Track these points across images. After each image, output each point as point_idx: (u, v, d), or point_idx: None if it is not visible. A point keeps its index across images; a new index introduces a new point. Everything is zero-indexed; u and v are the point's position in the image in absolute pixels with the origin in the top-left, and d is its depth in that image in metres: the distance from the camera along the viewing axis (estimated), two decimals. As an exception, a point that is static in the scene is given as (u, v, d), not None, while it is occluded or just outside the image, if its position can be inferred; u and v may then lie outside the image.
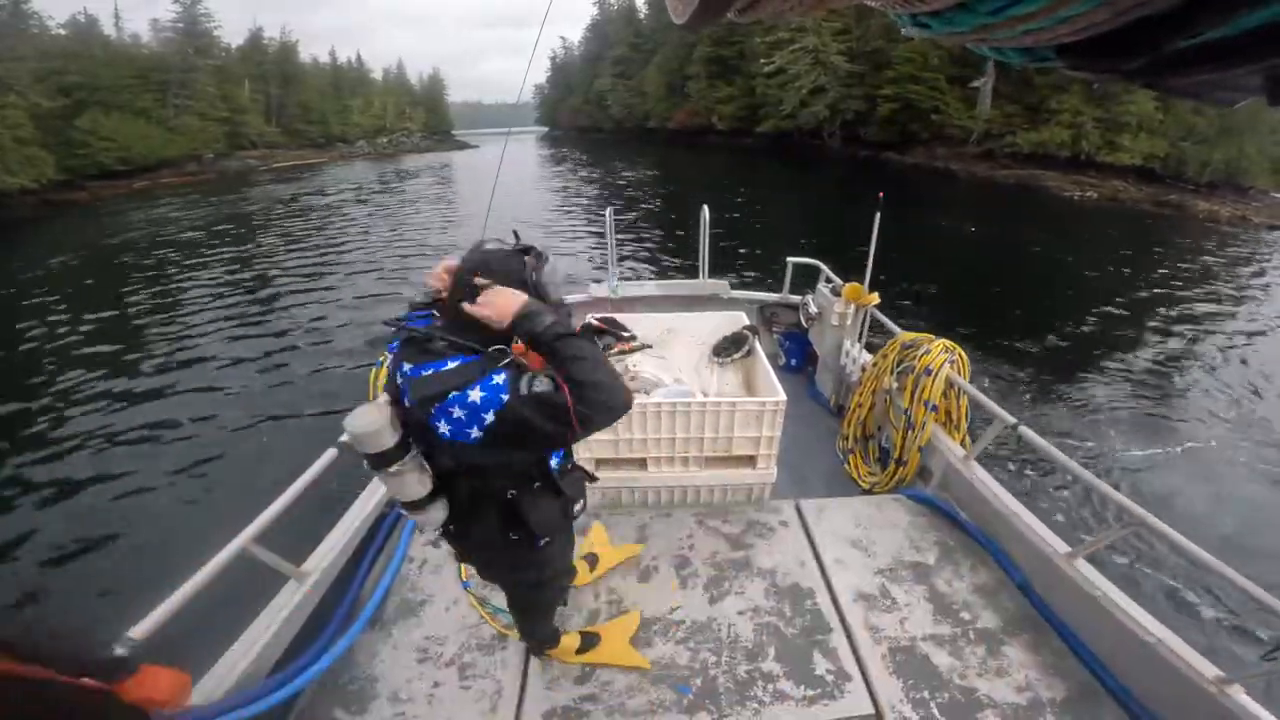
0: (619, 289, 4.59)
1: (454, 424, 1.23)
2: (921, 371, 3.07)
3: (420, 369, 1.28)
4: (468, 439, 1.24)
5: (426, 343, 1.32)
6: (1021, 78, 27.88)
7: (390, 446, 1.30)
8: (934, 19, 0.43)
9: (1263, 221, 21.79)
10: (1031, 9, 0.37)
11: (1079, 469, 2.28)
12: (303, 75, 52.07)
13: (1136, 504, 2.01)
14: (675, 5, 0.43)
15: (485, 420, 1.22)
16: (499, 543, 1.53)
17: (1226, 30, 0.33)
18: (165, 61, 37.98)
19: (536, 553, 1.58)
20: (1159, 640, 1.93)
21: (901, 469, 3.17)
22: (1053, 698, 2.02)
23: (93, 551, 4.36)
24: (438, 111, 76.19)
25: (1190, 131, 25.68)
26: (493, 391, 1.22)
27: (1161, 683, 1.89)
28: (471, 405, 1.22)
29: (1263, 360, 8.12)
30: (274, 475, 2.29)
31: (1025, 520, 2.52)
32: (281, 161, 41.42)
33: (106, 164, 30.31)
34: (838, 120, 35.65)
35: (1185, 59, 0.36)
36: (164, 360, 7.82)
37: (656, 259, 12.59)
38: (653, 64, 53.78)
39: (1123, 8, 0.35)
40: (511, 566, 1.68)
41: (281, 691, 1.85)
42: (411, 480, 1.37)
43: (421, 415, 1.27)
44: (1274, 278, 13.43)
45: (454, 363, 1.27)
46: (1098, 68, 0.42)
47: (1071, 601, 2.24)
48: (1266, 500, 4.92)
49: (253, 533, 1.97)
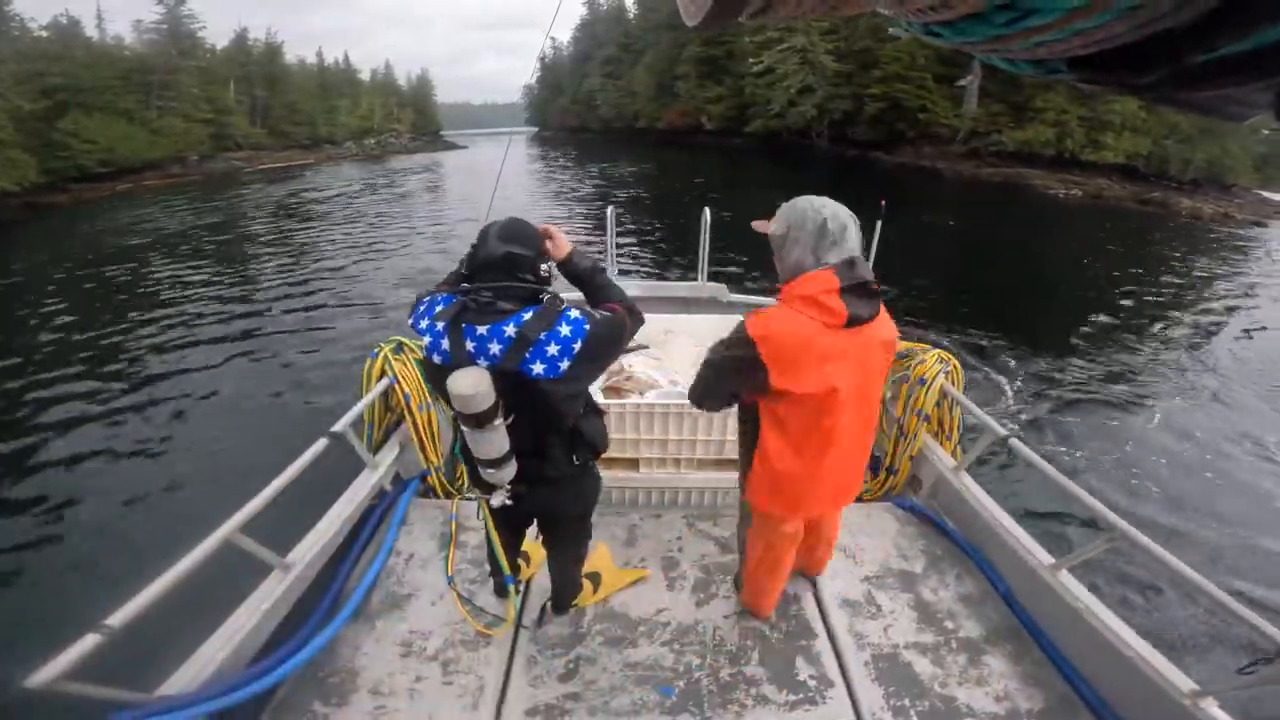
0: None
1: (548, 361, 1.48)
2: (915, 381, 3.07)
3: (500, 325, 1.49)
4: (557, 371, 1.49)
5: (487, 306, 1.52)
6: (1008, 77, 28.06)
7: (491, 405, 1.46)
8: (947, 29, 0.43)
9: (1246, 218, 22.13)
10: (1046, 21, 0.37)
11: (1067, 482, 2.28)
12: (289, 76, 51.59)
13: (1121, 518, 2.02)
14: (687, 6, 0.43)
15: (574, 349, 1.49)
16: (568, 471, 1.76)
17: (1244, 46, 0.32)
18: (148, 63, 37.50)
19: (590, 476, 1.89)
20: (1137, 653, 1.94)
21: (892, 478, 3.17)
22: (1030, 708, 2.02)
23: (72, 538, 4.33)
24: (426, 112, 75.72)
25: (1173, 130, 26.04)
26: (577, 325, 1.51)
27: (1138, 695, 1.90)
28: (564, 340, 1.49)
29: (1243, 358, 8.27)
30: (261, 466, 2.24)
31: (1012, 531, 2.52)
32: (268, 163, 40.92)
33: (89, 166, 29.83)
34: (825, 120, 35.82)
35: (1198, 74, 0.36)
36: (147, 361, 7.69)
37: (639, 256, 12.61)
38: (642, 64, 53.82)
39: (1140, 21, 0.34)
40: (576, 495, 1.89)
41: (260, 682, 1.82)
42: (501, 436, 1.55)
43: (513, 363, 1.47)
44: (1259, 274, 13.64)
45: (528, 313, 1.50)
46: (1110, 81, 0.41)
47: (1053, 612, 2.25)
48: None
49: (238, 522, 1.94)
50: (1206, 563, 3.91)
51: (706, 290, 4.72)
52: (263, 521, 2.01)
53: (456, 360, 1.50)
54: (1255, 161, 28.99)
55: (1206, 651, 3.24)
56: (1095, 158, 26.16)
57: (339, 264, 12.69)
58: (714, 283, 4.80)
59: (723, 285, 4.79)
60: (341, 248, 14.30)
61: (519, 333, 1.47)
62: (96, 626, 1.51)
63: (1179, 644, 3.26)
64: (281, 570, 2.22)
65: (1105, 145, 26.13)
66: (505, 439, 1.56)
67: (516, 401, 1.55)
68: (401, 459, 3.10)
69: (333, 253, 13.81)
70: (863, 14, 0.46)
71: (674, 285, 5.02)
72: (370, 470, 2.85)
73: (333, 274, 11.85)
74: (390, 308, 9.40)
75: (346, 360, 7.23)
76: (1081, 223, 19.20)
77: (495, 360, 1.48)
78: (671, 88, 48.84)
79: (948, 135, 30.60)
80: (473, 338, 1.49)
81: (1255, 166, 29.04)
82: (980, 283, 11.45)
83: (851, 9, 0.44)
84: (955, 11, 0.40)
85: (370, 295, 10.31)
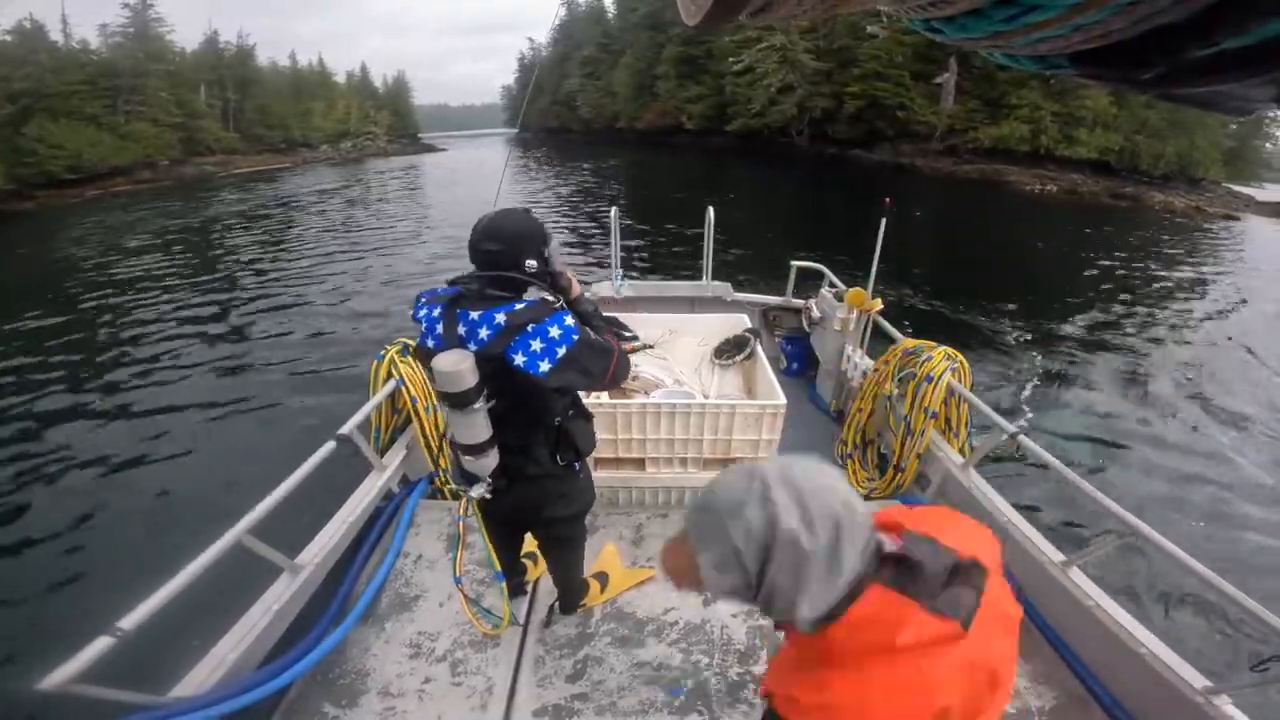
0: (623, 289, 4.59)
1: (529, 355, 1.46)
2: (923, 378, 3.06)
3: (492, 311, 1.49)
4: (537, 370, 1.46)
5: (479, 294, 1.55)
6: (983, 73, 28.58)
7: (471, 386, 1.48)
8: (947, 24, 0.43)
9: (1216, 211, 22.75)
10: (1047, 16, 0.37)
11: (1077, 478, 2.28)
12: (261, 79, 50.79)
13: (1132, 514, 2.01)
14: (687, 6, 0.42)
15: (558, 354, 1.47)
16: (551, 470, 1.74)
17: (1245, 40, 0.32)
18: (115, 66, 36.81)
19: (576, 478, 1.82)
20: (1149, 650, 1.93)
21: (900, 475, 3.14)
22: (1042, 706, 2.01)
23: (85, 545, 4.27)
24: (403, 114, 74.97)
25: (1143, 125, 26.65)
26: (567, 331, 1.49)
27: (1150, 692, 1.90)
28: (550, 340, 1.47)
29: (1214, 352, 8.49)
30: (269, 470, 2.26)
31: (1021, 529, 2.52)
32: (242, 167, 40.32)
33: (56, 172, 29.25)
34: (805, 118, 36.11)
35: (1200, 69, 0.36)
36: (125, 369, 7.44)
37: (631, 259, 12.54)
38: (621, 64, 53.79)
39: (1140, 16, 0.34)
40: (561, 496, 1.84)
41: (271, 684, 1.83)
42: (481, 421, 1.56)
43: (499, 348, 1.48)
44: (1235, 267, 13.98)
45: (520, 304, 1.51)
46: (1111, 76, 0.41)
47: (1064, 610, 2.24)
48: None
49: (248, 524, 1.94)
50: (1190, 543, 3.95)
51: (711, 289, 4.72)
52: (272, 524, 2.02)
53: (448, 344, 1.53)
54: (1224, 155, 29.78)
55: (1220, 648, 3.23)
56: (1069, 153, 26.70)
57: (320, 267, 12.46)
58: (719, 281, 4.79)
59: (727, 284, 4.80)
60: (323, 251, 14.07)
61: (507, 319, 1.48)
62: (109, 629, 1.51)
63: (1191, 641, 3.23)
64: (291, 572, 2.23)
65: (1078, 141, 26.67)
66: (486, 426, 1.57)
67: (498, 388, 1.56)
68: (408, 461, 3.11)
69: (313, 256, 13.57)
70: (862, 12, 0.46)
71: (679, 285, 5.01)
72: (378, 472, 2.87)
73: (313, 277, 11.65)
74: (377, 314, 9.27)
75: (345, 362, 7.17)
76: (1055, 218, 19.53)
77: (482, 345, 1.50)
78: (651, 88, 48.90)
79: (925, 133, 31.01)
80: (465, 322, 1.53)
81: (1224, 160, 29.83)
82: (957, 279, 11.56)
83: (851, 7, 0.43)
84: (955, 7, 0.39)
85: (357, 298, 10.17)
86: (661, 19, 46.33)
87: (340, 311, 9.43)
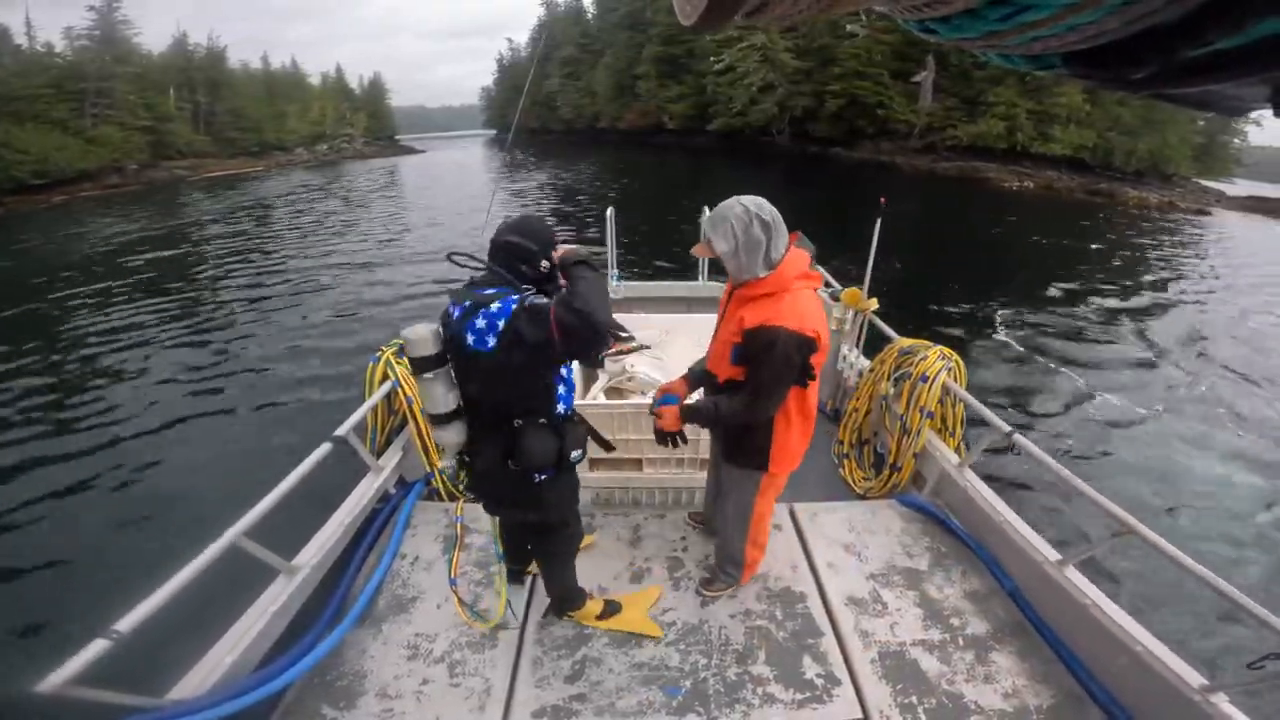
0: (620, 289, 4.59)
1: (476, 334, 1.54)
2: (918, 378, 3.06)
3: (465, 301, 1.60)
4: (485, 347, 1.54)
5: (471, 285, 1.65)
6: (960, 71, 28.90)
7: (429, 354, 1.61)
8: (942, 24, 0.43)
9: (1190, 206, 23.21)
10: (1040, 16, 0.37)
11: (1072, 477, 2.30)
12: (232, 82, 49.78)
13: (1128, 513, 2.03)
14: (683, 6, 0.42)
15: (498, 327, 1.52)
16: (498, 472, 1.72)
17: (1238, 39, 0.32)
18: (81, 69, 35.84)
19: (534, 488, 1.76)
20: (1145, 648, 1.94)
21: (896, 475, 3.14)
22: (1039, 704, 2.02)
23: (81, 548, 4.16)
24: (380, 116, 74.06)
25: (1116, 122, 27.15)
26: (505, 304, 1.54)
27: (1147, 690, 1.92)
28: (490, 315, 1.53)
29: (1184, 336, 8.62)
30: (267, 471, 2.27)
31: (1017, 528, 2.54)
32: (214, 171, 39.48)
33: (21, 177, 28.37)
34: (787, 117, 36.29)
35: (1193, 68, 0.36)
36: (115, 375, 7.16)
37: (625, 259, 12.36)
38: (601, 64, 53.70)
39: (1133, 16, 0.34)
40: (513, 500, 1.83)
41: (268, 686, 1.83)
42: (439, 391, 1.66)
43: (458, 329, 1.58)
44: (1212, 258, 14.23)
45: (490, 290, 1.59)
46: (1105, 76, 0.41)
47: (1061, 609, 2.25)
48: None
49: (243, 527, 1.94)
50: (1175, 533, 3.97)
51: (707, 289, 4.73)
52: (268, 526, 2.01)
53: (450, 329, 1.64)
54: (1194, 151, 30.43)
55: (1216, 646, 3.24)
56: (1044, 150, 27.15)
57: (311, 269, 12.23)
58: (715, 282, 4.80)
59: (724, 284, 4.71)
60: (310, 253, 13.81)
61: (472, 301, 1.57)
62: (105, 632, 1.51)
63: (1188, 639, 3.25)
64: (287, 574, 2.23)
65: (1053, 138, 27.13)
66: (445, 399, 1.67)
67: (463, 371, 1.67)
68: (405, 462, 3.09)
69: (297, 258, 13.31)
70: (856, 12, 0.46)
71: (675, 285, 5.03)
72: (374, 474, 2.86)
73: (305, 279, 11.43)
74: (370, 316, 9.12)
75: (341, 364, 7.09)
76: (1032, 213, 19.83)
77: (456, 321, 1.61)
78: (632, 88, 48.88)
79: (905, 130, 31.32)
80: (456, 309, 1.63)
81: (1194, 156, 30.48)
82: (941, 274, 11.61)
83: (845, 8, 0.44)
84: (950, 7, 0.40)
85: (348, 300, 9.98)
86: (641, 19, 46.29)
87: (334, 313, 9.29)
